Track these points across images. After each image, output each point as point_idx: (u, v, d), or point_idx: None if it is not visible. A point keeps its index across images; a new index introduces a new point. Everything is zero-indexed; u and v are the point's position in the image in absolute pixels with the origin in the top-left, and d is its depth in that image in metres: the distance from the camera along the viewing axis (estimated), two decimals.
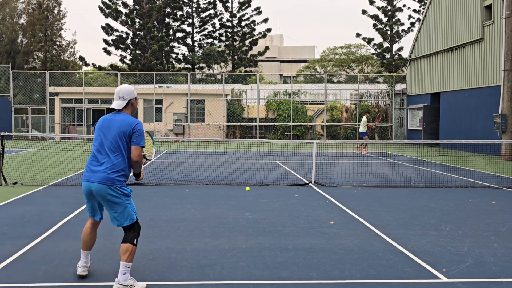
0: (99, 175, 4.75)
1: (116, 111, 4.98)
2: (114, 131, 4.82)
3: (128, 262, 4.71)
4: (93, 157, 4.89)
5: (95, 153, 4.88)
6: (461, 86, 25.56)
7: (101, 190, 4.74)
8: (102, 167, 4.78)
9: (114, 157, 4.79)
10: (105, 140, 4.83)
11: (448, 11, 27.10)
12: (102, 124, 4.93)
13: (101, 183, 4.73)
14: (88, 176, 4.83)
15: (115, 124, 4.85)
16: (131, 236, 4.79)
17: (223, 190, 11.02)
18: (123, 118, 4.88)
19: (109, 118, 4.95)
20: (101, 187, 4.73)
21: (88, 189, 4.82)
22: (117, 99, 4.96)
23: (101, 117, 5.03)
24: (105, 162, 4.78)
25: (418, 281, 5.07)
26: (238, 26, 47.87)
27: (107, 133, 4.85)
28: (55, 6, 48.83)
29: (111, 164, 4.77)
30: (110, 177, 4.74)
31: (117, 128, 4.82)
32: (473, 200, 10.09)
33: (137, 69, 43.05)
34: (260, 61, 53.70)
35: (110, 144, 4.80)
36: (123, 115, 4.93)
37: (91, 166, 4.86)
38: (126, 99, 4.96)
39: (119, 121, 4.85)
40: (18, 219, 7.80)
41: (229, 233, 7.00)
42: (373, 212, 8.68)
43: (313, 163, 12.52)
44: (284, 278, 5.12)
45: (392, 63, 45.07)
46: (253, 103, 35.51)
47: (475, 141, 15.21)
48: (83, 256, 5.07)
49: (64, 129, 33.60)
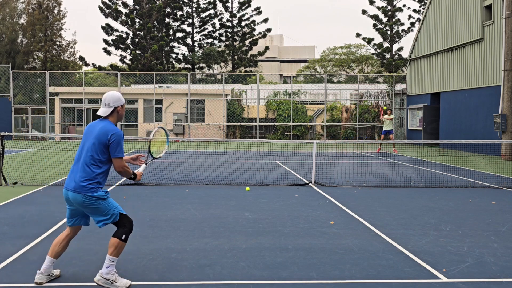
0: (73, 184, 4.76)
1: (101, 118, 4.94)
2: (92, 139, 4.79)
3: (114, 256, 4.74)
4: (74, 163, 4.89)
5: (75, 159, 4.89)
6: (461, 86, 25.56)
7: (76, 198, 4.75)
8: (78, 174, 4.77)
9: (89, 165, 4.75)
10: (84, 148, 4.83)
11: (448, 11, 27.10)
12: (86, 131, 4.93)
13: (75, 191, 4.73)
14: (66, 183, 4.85)
15: (94, 132, 4.81)
16: (120, 232, 4.82)
17: (223, 190, 11.02)
18: (102, 126, 4.81)
19: (93, 125, 4.92)
20: (75, 195, 4.74)
21: (66, 196, 4.84)
22: (102, 106, 4.90)
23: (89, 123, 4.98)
24: (80, 170, 4.77)
25: (418, 281, 5.07)
26: (238, 26, 47.87)
27: (86, 140, 4.84)
28: (55, 6, 48.82)
29: (85, 172, 4.74)
30: (82, 185, 4.71)
31: (94, 137, 4.78)
32: (473, 200, 10.09)
33: (137, 69, 43.04)
34: (260, 61, 53.69)
35: (86, 152, 4.78)
36: (106, 122, 4.86)
37: (70, 172, 4.88)
38: (112, 107, 4.89)
39: (98, 129, 4.80)
40: (18, 219, 7.80)
41: (229, 233, 7.00)
42: (373, 212, 8.68)
43: (313, 163, 12.52)
44: (284, 278, 5.12)
45: (392, 63, 45.06)
46: (253, 103, 35.50)
47: (475, 141, 15.21)
48: (46, 262, 4.92)
49: (64, 129, 33.60)
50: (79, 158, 4.84)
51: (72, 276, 5.11)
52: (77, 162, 4.84)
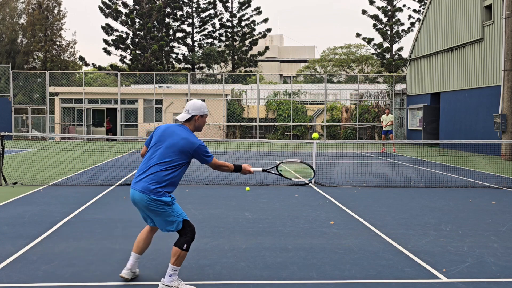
0: (141, 184, 4.69)
1: (180, 123, 4.95)
2: (173, 144, 4.73)
3: (176, 265, 4.69)
4: (143, 163, 4.82)
5: (146, 159, 4.82)
6: (461, 86, 25.56)
7: (141, 199, 4.69)
8: (146, 175, 4.70)
9: (163, 169, 4.69)
10: (160, 149, 4.75)
11: (448, 11, 27.10)
12: (162, 133, 4.85)
13: (141, 192, 4.66)
14: (133, 183, 4.77)
15: (175, 137, 4.76)
16: (182, 241, 4.73)
17: (223, 190, 11.02)
18: (185, 136, 4.77)
19: (171, 128, 4.87)
20: (141, 196, 4.67)
21: (132, 197, 4.77)
22: (183, 111, 4.94)
23: (164, 125, 4.96)
24: (150, 171, 4.71)
25: (418, 281, 5.07)
26: (238, 26, 47.86)
27: (164, 142, 4.77)
28: (55, 6, 48.81)
29: (155, 174, 4.67)
30: (150, 187, 4.64)
31: (176, 143, 4.73)
32: (473, 200, 10.09)
33: (137, 69, 43.04)
34: (260, 61, 53.68)
35: (163, 155, 4.72)
36: (186, 131, 4.84)
37: (138, 172, 4.80)
38: (191, 114, 4.88)
39: (182, 138, 4.76)
40: (18, 219, 7.80)
41: (229, 233, 7.00)
42: (373, 212, 8.68)
43: (313, 163, 12.52)
44: (284, 278, 5.12)
45: (392, 63, 45.05)
46: (253, 103, 35.50)
47: (475, 141, 15.22)
48: (132, 258, 5.00)
49: (64, 129, 33.59)
50: (150, 158, 4.76)
51: (72, 276, 5.11)
52: (147, 162, 4.77)
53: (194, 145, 4.75)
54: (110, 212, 8.45)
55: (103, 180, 12.27)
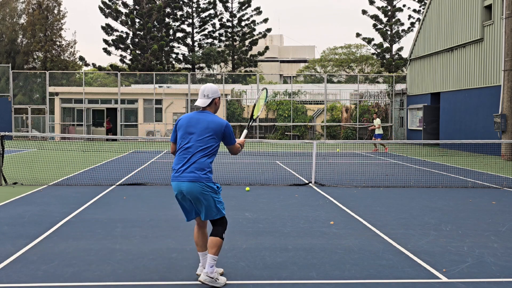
0: (187, 174, 4.77)
1: (200, 110, 4.99)
2: (204, 130, 4.83)
3: (216, 255, 4.79)
4: (181, 155, 4.86)
5: (182, 151, 4.86)
6: (461, 86, 25.56)
7: (191, 188, 4.76)
8: (191, 165, 4.79)
9: (203, 155, 4.81)
10: (194, 139, 4.84)
11: (448, 11, 27.10)
12: (189, 123, 4.90)
13: (191, 181, 4.74)
14: (177, 176, 4.82)
15: (204, 123, 4.86)
16: (220, 231, 4.86)
17: (223, 190, 10.99)
18: (212, 119, 4.88)
19: (195, 117, 4.93)
20: (191, 185, 4.75)
21: (179, 189, 4.82)
22: (201, 97, 4.97)
23: (184, 115, 5.01)
24: (193, 161, 4.79)
25: (418, 281, 5.07)
26: (238, 26, 47.86)
27: (195, 130, 4.85)
28: (55, 6, 48.80)
29: (199, 162, 4.78)
30: (198, 175, 4.75)
31: (207, 128, 4.84)
32: (473, 200, 10.09)
33: (137, 69, 43.04)
34: (260, 61, 53.66)
35: (200, 143, 4.82)
36: (209, 114, 4.94)
37: (179, 165, 4.85)
38: (211, 98, 4.95)
39: (209, 121, 4.87)
40: (18, 219, 7.80)
41: (229, 233, 6.99)
42: (373, 212, 8.68)
43: (313, 163, 12.52)
44: (284, 278, 5.12)
45: (392, 63, 45.05)
46: (253, 103, 35.48)
47: (475, 141, 15.21)
48: (201, 257, 5.07)
49: (64, 129, 33.59)
50: (187, 149, 4.82)
51: (72, 276, 5.11)
52: (185, 154, 4.83)
53: (223, 125, 4.90)
54: (110, 212, 8.45)
55: (103, 180, 12.27)
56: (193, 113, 4.98)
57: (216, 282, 4.79)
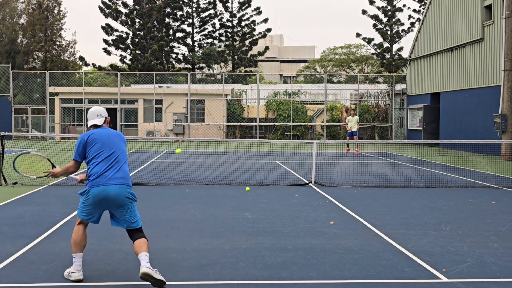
0: (117, 181, 5.06)
1: (100, 126, 5.44)
2: (118, 143, 5.28)
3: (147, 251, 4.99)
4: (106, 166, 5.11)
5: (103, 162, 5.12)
6: (461, 86, 25.56)
7: (120, 193, 5.04)
8: (119, 174, 5.12)
9: (124, 165, 5.23)
10: (111, 151, 5.19)
11: (448, 11, 27.10)
12: (100, 138, 5.24)
13: (121, 186, 5.06)
14: (104, 181, 5.03)
15: (114, 137, 5.32)
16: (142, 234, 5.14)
17: (223, 190, 11.02)
18: (116, 132, 5.40)
19: (103, 132, 5.33)
20: (121, 190, 5.05)
21: (104, 193, 5.00)
22: (96, 118, 5.46)
23: (89, 131, 5.33)
24: (119, 170, 5.13)
25: (418, 281, 5.07)
26: (238, 26, 47.86)
27: (113, 143, 5.24)
28: (55, 6, 48.79)
29: (124, 171, 5.19)
30: (127, 182, 5.15)
31: (119, 141, 5.31)
32: (473, 200, 10.09)
33: (137, 69, 43.03)
34: (260, 61, 53.66)
35: (119, 154, 5.22)
36: (110, 129, 5.45)
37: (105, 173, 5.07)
38: (103, 117, 5.51)
39: (116, 135, 5.36)
40: (18, 219, 7.80)
41: (229, 233, 7.00)
42: (373, 212, 8.68)
43: (313, 163, 12.52)
44: (284, 278, 5.12)
45: (392, 63, 45.05)
46: (253, 103, 35.49)
47: (475, 141, 15.22)
48: (79, 259, 5.10)
49: (64, 129, 33.59)
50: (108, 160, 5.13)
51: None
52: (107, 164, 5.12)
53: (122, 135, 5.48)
54: None
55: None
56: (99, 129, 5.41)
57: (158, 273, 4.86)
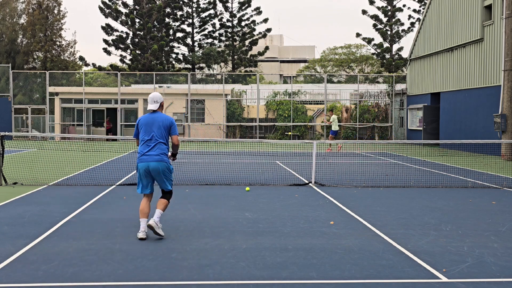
0: (154, 157, 6.56)
1: (152, 111, 6.76)
2: (159, 125, 6.62)
3: (163, 211, 6.67)
4: (145, 144, 6.63)
5: (146, 142, 6.63)
6: (461, 86, 25.56)
7: (156, 167, 6.58)
8: (155, 152, 6.58)
9: (160, 144, 6.61)
10: (151, 134, 6.61)
11: (448, 11, 27.10)
12: (145, 122, 6.68)
13: (158, 162, 6.57)
14: (145, 158, 6.59)
15: (158, 122, 6.65)
16: (168, 197, 6.83)
17: (223, 190, 11.02)
18: (161, 119, 6.69)
19: (150, 117, 6.72)
20: (157, 165, 6.58)
21: (146, 167, 6.60)
22: (152, 104, 6.72)
23: (142, 116, 6.76)
24: (156, 149, 6.59)
25: (418, 281, 5.07)
26: (238, 26, 47.86)
27: (152, 128, 6.63)
28: (55, 6, 48.80)
29: (161, 149, 6.61)
30: (162, 159, 6.60)
31: (160, 126, 6.63)
32: (473, 200, 10.09)
33: (137, 69, 43.04)
34: (260, 61, 53.66)
35: (158, 137, 6.61)
36: (160, 113, 6.76)
37: (144, 151, 6.61)
38: (158, 102, 6.75)
39: (160, 120, 6.67)
40: (18, 219, 7.80)
41: (229, 233, 7.00)
42: (373, 212, 8.68)
43: (313, 163, 12.52)
44: (284, 278, 5.12)
45: (392, 63, 45.05)
46: (253, 103, 35.49)
47: (475, 141, 15.21)
48: (143, 223, 6.60)
49: (64, 129, 33.59)
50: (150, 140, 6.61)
51: (72, 276, 5.11)
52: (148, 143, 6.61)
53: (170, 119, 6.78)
54: (110, 212, 8.45)
55: (103, 180, 12.27)
56: (148, 114, 6.77)
57: (159, 228, 6.55)
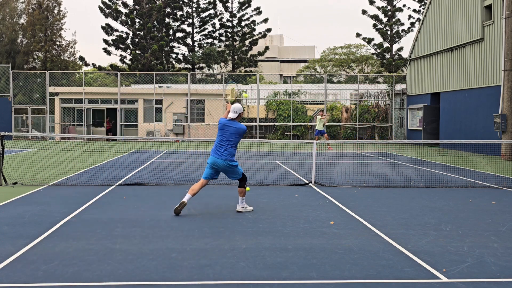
0: (222, 156, 8.22)
1: (231, 119, 8.34)
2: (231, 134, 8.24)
3: (243, 197, 8.48)
4: (218, 145, 8.29)
5: (219, 143, 8.29)
6: (461, 86, 25.56)
7: (223, 165, 8.25)
8: (225, 152, 8.22)
9: (230, 148, 8.24)
10: (223, 137, 8.27)
11: (448, 11, 27.10)
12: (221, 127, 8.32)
13: (224, 160, 8.23)
14: (215, 155, 8.26)
15: (230, 129, 8.27)
16: (243, 184, 8.43)
17: (223, 190, 11.02)
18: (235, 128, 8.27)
19: (227, 123, 8.32)
20: (224, 162, 8.24)
21: (215, 162, 8.26)
22: (233, 113, 8.32)
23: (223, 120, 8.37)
24: (225, 150, 8.23)
25: (418, 281, 5.07)
26: (238, 26, 47.86)
27: (224, 133, 8.26)
28: (55, 6, 48.80)
29: (228, 152, 8.23)
30: (228, 158, 8.23)
31: (232, 133, 8.25)
32: (473, 200, 10.09)
33: (137, 69, 43.03)
34: (260, 61, 53.66)
35: (228, 140, 8.24)
36: (235, 123, 8.32)
37: (217, 150, 8.26)
38: (237, 113, 8.35)
39: (234, 129, 8.27)
40: (18, 219, 7.80)
41: (229, 233, 7.00)
42: (373, 212, 8.69)
43: (313, 163, 12.52)
44: (284, 278, 5.12)
45: (392, 63, 45.05)
46: (253, 103, 35.49)
47: (475, 141, 15.20)
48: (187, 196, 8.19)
49: (64, 129, 33.59)
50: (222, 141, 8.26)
51: (72, 276, 5.11)
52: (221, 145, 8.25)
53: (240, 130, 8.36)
54: (110, 212, 8.45)
55: (103, 180, 12.27)
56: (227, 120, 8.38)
57: (246, 209, 8.54)
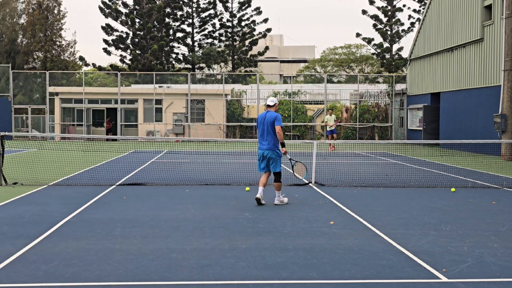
0: (265, 146, 9.07)
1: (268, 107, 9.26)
2: (268, 123, 9.02)
3: (279, 191, 9.25)
4: (260, 137, 9.17)
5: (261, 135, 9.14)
6: (461, 86, 25.56)
7: (267, 154, 9.06)
8: (266, 142, 9.06)
9: (270, 136, 9.01)
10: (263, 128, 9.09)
11: (448, 11, 27.10)
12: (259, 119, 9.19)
13: (268, 150, 9.05)
14: (261, 147, 9.14)
15: (267, 118, 9.06)
16: (278, 178, 9.22)
17: (223, 190, 11.03)
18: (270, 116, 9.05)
19: (263, 115, 9.17)
20: (268, 152, 9.05)
21: (262, 154, 9.11)
22: (269, 101, 9.27)
23: (261, 114, 9.21)
24: (267, 140, 9.06)
25: (418, 281, 5.07)
26: (238, 26, 47.87)
27: (263, 123, 9.09)
28: (55, 6, 48.79)
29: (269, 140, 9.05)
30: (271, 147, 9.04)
31: (269, 121, 9.00)
32: (473, 200, 10.09)
33: (137, 69, 43.03)
34: (260, 61, 53.65)
35: (268, 130, 9.03)
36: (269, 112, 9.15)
37: (261, 142, 9.17)
38: (274, 102, 9.26)
39: (269, 117, 9.05)
40: (18, 219, 7.81)
41: (229, 233, 7.00)
42: (373, 212, 8.69)
43: (313, 163, 12.52)
44: (284, 278, 5.12)
45: (392, 63, 45.05)
46: (253, 103, 35.49)
47: (475, 141, 15.21)
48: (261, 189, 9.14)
49: (64, 129, 33.58)
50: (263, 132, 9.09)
51: (72, 276, 5.11)
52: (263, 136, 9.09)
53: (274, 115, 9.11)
54: (110, 212, 8.45)
55: (103, 180, 12.27)
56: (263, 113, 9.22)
57: (283, 202, 9.29)
